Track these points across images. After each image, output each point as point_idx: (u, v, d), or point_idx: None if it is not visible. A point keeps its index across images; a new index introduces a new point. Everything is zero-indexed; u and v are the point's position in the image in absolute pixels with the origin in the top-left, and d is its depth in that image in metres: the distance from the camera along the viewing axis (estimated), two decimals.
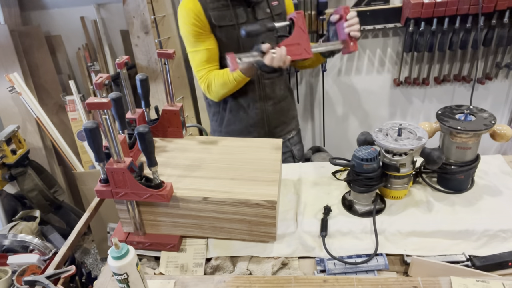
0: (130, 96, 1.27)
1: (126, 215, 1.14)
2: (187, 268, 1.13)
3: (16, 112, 2.32)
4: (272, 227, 1.11)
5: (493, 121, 1.19)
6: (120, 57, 1.20)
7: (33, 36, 2.34)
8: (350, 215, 1.22)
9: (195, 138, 1.37)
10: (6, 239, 1.71)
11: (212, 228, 1.15)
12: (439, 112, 1.26)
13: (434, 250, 1.10)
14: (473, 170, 1.25)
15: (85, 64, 2.44)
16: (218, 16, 1.46)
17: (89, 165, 2.47)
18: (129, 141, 1.22)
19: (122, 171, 1.01)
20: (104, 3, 2.35)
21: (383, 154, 1.20)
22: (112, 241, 0.87)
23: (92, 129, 0.94)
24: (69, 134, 2.45)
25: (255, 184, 1.12)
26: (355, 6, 2.20)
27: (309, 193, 1.33)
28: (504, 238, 1.10)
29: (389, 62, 2.40)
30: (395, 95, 2.54)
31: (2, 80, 2.22)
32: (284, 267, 1.12)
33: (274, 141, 1.32)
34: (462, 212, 1.19)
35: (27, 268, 1.47)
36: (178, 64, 2.37)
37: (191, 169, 1.19)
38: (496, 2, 2.02)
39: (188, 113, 2.49)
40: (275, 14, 1.53)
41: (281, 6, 1.56)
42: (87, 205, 1.83)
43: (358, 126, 2.69)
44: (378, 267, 1.07)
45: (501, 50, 2.30)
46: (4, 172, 2.09)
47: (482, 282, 0.95)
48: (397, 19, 2.21)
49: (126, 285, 0.90)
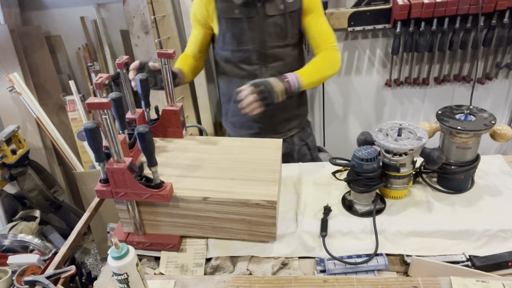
0: (130, 96, 1.27)
1: (126, 215, 1.14)
2: (187, 268, 1.13)
3: (16, 112, 2.32)
4: (272, 227, 1.11)
5: (493, 121, 1.19)
6: (120, 57, 1.20)
7: (33, 36, 2.34)
8: (350, 215, 1.22)
9: (195, 138, 1.37)
10: (6, 239, 1.71)
11: (212, 228, 1.15)
12: (439, 112, 1.26)
13: (434, 250, 1.10)
14: (473, 170, 1.25)
15: (85, 64, 2.44)
16: (226, 7, 1.45)
17: (89, 165, 2.47)
18: (129, 141, 1.22)
19: (122, 171, 1.01)
20: (104, 3, 2.35)
21: (383, 154, 1.20)
22: (112, 241, 0.87)
23: (92, 129, 0.94)
24: (69, 134, 2.45)
25: (255, 184, 1.12)
26: (355, 6, 2.20)
27: (309, 193, 1.33)
28: (504, 238, 1.10)
29: (389, 62, 2.40)
30: (395, 95, 2.54)
31: (2, 80, 2.22)
32: (284, 267, 1.12)
33: (274, 141, 1.32)
34: (462, 212, 1.19)
35: (27, 268, 1.47)
36: None
37: (191, 169, 1.19)
38: (496, 2, 2.02)
39: (188, 113, 2.49)
40: (288, 11, 1.46)
41: (296, 3, 1.46)
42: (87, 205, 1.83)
43: (358, 126, 2.69)
44: (378, 267, 1.07)
45: (501, 50, 2.30)
46: (4, 172, 2.09)
47: (482, 282, 0.95)
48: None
49: (126, 285, 0.90)
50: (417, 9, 2.05)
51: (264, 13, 1.45)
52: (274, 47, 1.51)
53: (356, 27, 2.23)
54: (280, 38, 1.50)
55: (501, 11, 2.08)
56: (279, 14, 1.46)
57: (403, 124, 1.22)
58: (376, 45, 2.36)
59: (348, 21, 2.21)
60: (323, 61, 1.51)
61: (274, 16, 1.46)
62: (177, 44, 2.34)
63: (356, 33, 2.32)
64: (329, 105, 2.58)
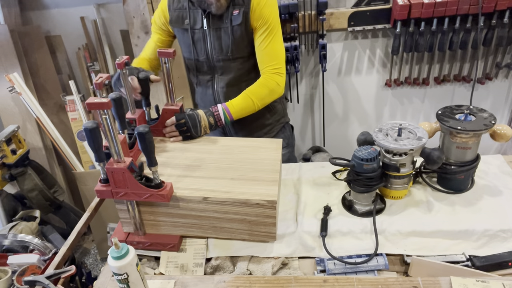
0: (130, 96, 1.27)
1: (126, 215, 1.14)
2: (187, 268, 1.13)
3: (16, 112, 2.32)
4: (272, 227, 1.11)
5: (493, 121, 1.19)
6: (120, 57, 1.20)
7: (33, 36, 2.34)
8: (350, 215, 1.22)
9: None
10: (6, 239, 1.71)
11: (212, 228, 1.15)
12: (439, 112, 1.26)
13: (434, 250, 1.10)
14: (473, 170, 1.25)
15: (85, 64, 2.44)
16: (176, 17, 1.49)
17: (89, 165, 2.46)
18: (129, 141, 1.22)
19: (122, 171, 1.01)
20: (104, 3, 2.35)
21: (383, 154, 1.20)
22: (112, 241, 0.87)
23: (92, 129, 0.94)
24: (69, 134, 2.45)
25: (255, 184, 1.12)
26: (355, 6, 2.20)
27: (309, 193, 1.33)
28: (504, 238, 1.10)
29: (389, 62, 2.40)
30: (395, 95, 2.54)
31: (2, 80, 2.22)
32: (284, 267, 1.12)
33: (274, 141, 1.32)
34: (462, 212, 1.19)
35: (27, 268, 1.47)
36: (178, 64, 2.37)
37: (191, 169, 1.19)
38: (496, 2, 2.02)
39: None
40: (232, 25, 1.43)
41: (239, 17, 1.41)
42: (87, 205, 1.83)
43: (358, 126, 2.69)
44: (378, 267, 1.07)
45: (501, 50, 2.30)
46: (4, 172, 2.09)
47: (482, 282, 0.95)
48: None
49: (126, 285, 0.90)
50: (417, 9, 2.05)
51: (209, 25, 1.45)
52: (220, 60, 1.50)
53: (356, 27, 2.23)
54: (224, 52, 1.48)
55: (501, 11, 2.08)
56: (222, 27, 1.44)
57: (403, 124, 1.22)
58: (376, 45, 2.36)
59: (348, 21, 2.21)
60: (261, 88, 1.45)
61: (217, 29, 1.45)
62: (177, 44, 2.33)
63: (356, 33, 2.32)
64: (329, 105, 2.58)
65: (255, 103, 1.45)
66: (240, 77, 1.54)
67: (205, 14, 1.44)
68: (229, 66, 1.52)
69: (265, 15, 1.41)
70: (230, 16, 1.42)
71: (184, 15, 1.48)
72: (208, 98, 1.64)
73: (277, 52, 1.47)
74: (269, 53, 1.46)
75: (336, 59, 2.42)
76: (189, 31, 1.48)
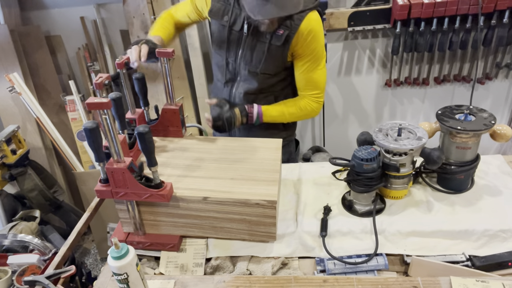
0: (130, 96, 1.27)
1: (126, 215, 1.14)
2: (187, 268, 1.13)
3: (16, 112, 2.32)
4: (272, 227, 1.11)
5: (493, 121, 1.19)
6: (120, 57, 1.20)
7: (33, 36, 2.34)
8: (350, 215, 1.22)
9: (195, 138, 1.37)
10: (6, 239, 1.71)
11: (212, 228, 1.15)
12: (439, 112, 1.26)
13: (434, 250, 1.10)
14: (473, 170, 1.25)
15: (85, 64, 2.44)
16: (218, 9, 1.43)
17: (89, 165, 2.46)
18: (129, 141, 1.22)
19: (122, 171, 1.01)
20: (104, 3, 2.35)
21: (383, 154, 1.20)
22: (112, 241, 0.87)
23: (92, 129, 0.94)
24: (69, 134, 2.45)
25: (255, 184, 1.12)
26: (355, 6, 2.20)
27: (309, 193, 1.33)
28: (504, 238, 1.10)
29: (389, 62, 2.40)
30: (395, 95, 2.54)
31: (2, 80, 2.22)
32: (284, 267, 1.12)
33: (274, 141, 1.32)
34: (462, 212, 1.19)
35: (27, 268, 1.47)
36: (178, 64, 2.37)
37: (191, 169, 1.19)
38: (496, 2, 2.02)
39: (188, 113, 2.49)
40: (273, 44, 1.37)
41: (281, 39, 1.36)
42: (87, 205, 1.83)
43: (358, 126, 2.69)
44: (378, 267, 1.07)
45: (501, 50, 2.30)
46: (4, 172, 2.09)
47: (482, 282, 0.95)
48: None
49: (126, 285, 0.90)
50: (417, 9, 2.05)
51: (248, 31, 1.39)
52: (246, 69, 1.47)
53: (356, 27, 2.23)
54: (254, 64, 1.44)
55: (501, 11, 2.08)
56: (259, 40, 1.39)
57: (403, 124, 1.22)
58: (376, 45, 2.36)
59: (348, 21, 2.21)
60: (299, 111, 1.49)
61: (254, 39, 1.40)
62: (176, 44, 2.34)
63: (356, 33, 2.32)
64: (329, 105, 2.58)
65: (287, 119, 1.52)
66: (260, 90, 1.51)
67: (247, 20, 1.38)
68: (253, 78, 1.48)
69: (312, 47, 1.39)
70: (273, 33, 1.36)
71: (226, 10, 1.41)
72: (223, 95, 1.59)
73: (319, 81, 1.47)
74: (311, 81, 1.46)
75: (336, 59, 2.42)
76: (227, 29, 1.42)
